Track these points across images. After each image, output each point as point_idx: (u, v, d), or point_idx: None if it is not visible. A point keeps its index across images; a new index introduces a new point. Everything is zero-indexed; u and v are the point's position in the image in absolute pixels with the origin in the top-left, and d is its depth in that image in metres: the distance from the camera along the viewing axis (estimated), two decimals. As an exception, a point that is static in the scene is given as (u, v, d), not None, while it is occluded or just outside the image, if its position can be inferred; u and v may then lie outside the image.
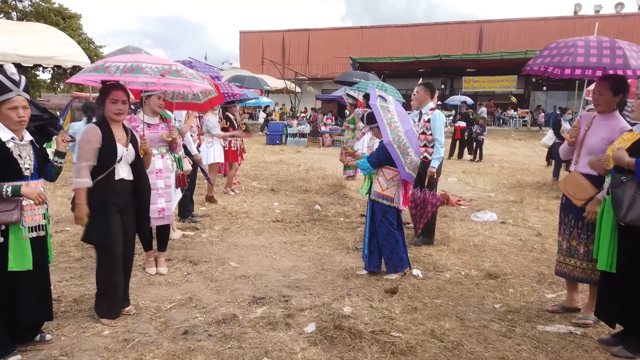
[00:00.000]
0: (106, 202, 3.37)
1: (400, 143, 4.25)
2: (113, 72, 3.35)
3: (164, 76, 3.43)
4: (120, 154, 3.40)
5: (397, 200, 4.52)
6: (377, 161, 4.47)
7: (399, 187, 4.54)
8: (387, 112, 4.37)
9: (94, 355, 3.01)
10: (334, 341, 3.24)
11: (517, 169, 13.03)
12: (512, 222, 6.84)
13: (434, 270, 4.76)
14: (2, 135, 2.81)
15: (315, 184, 9.73)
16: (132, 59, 3.49)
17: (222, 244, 5.58)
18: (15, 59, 9.85)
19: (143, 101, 4.34)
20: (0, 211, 2.74)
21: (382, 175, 4.51)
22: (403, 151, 4.27)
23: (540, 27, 30.88)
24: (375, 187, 4.54)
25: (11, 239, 2.81)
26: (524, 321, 3.64)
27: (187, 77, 3.62)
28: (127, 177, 3.50)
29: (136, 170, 3.55)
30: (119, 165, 3.41)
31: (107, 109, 3.40)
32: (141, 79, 3.42)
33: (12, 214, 2.76)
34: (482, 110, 26.20)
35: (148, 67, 3.40)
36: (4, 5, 27.03)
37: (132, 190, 3.54)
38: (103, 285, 3.47)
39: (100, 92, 3.45)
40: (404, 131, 4.33)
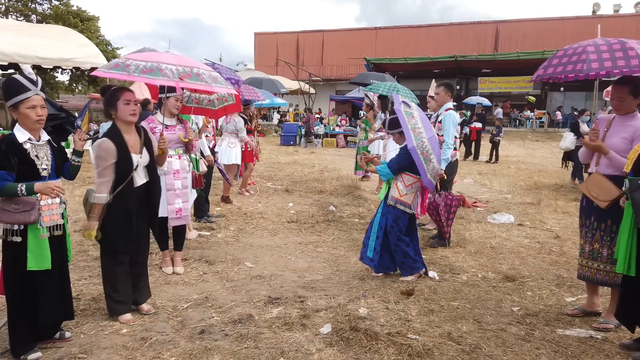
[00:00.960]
0: (130, 211, 3.38)
1: (423, 149, 4.22)
2: (132, 72, 3.29)
3: (183, 80, 3.38)
4: (136, 162, 3.39)
5: (414, 207, 4.49)
6: (398, 167, 4.44)
7: (417, 194, 4.51)
8: (411, 117, 4.35)
9: (112, 353, 3.04)
10: (350, 342, 3.23)
11: (534, 170, 12.87)
12: (529, 225, 6.75)
13: (450, 272, 4.72)
14: (19, 136, 2.84)
15: (329, 184, 9.73)
16: (154, 59, 3.43)
17: (237, 244, 5.60)
18: (35, 61, 10.04)
19: (161, 102, 4.37)
20: (19, 211, 2.77)
21: (401, 181, 4.48)
22: (426, 157, 4.24)
23: (558, 27, 30.45)
24: (393, 193, 4.50)
25: (30, 238, 2.85)
26: (543, 325, 3.59)
27: (208, 81, 3.56)
28: (143, 181, 3.51)
29: (150, 171, 3.56)
30: (135, 173, 3.41)
31: (121, 111, 3.35)
32: (158, 81, 3.37)
33: (30, 214, 2.79)
34: (498, 111, 25.92)
35: (167, 70, 3.35)
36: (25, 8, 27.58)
37: (146, 191, 3.56)
38: (110, 287, 3.49)
39: (110, 96, 3.37)
40: (428, 137, 4.30)
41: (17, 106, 2.82)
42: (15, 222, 2.79)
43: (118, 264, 3.47)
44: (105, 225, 3.34)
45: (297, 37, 38.01)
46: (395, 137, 4.71)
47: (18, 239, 2.83)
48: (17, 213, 2.76)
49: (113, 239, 3.37)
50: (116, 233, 3.36)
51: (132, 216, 3.40)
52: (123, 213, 3.36)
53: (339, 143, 20.16)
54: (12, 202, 2.77)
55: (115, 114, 3.38)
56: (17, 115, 2.85)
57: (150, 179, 3.56)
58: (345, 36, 36.49)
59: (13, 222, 2.79)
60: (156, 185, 3.63)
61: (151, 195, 3.59)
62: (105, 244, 3.41)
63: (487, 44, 32.24)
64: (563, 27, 30.16)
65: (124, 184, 3.32)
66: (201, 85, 3.57)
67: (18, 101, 2.81)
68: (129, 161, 3.35)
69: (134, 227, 3.43)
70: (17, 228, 2.82)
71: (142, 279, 3.70)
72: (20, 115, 2.85)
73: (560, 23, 30.84)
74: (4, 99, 2.91)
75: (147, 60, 3.39)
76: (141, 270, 3.69)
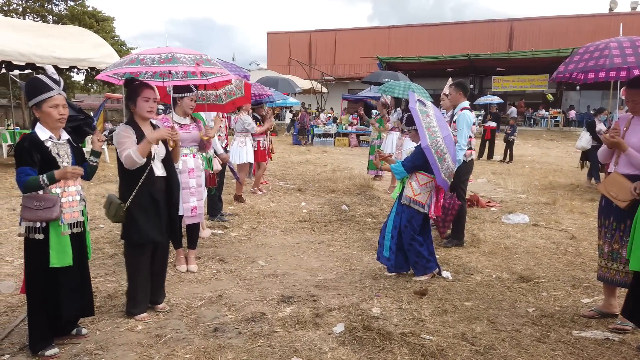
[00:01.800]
0: (156, 200, 3.44)
1: (437, 148, 4.19)
2: (150, 64, 3.40)
3: (199, 65, 3.48)
4: (153, 151, 3.45)
5: (428, 207, 4.46)
6: (412, 165, 4.42)
7: (431, 193, 4.48)
8: (426, 116, 4.32)
9: (127, 350, 3.07)
10: (363, 342, 3.22)
11: (549, 170, 12.72)
12: (544, 225, 6.67)
13: (464, 272, 4.69)
14: (40, 134, 2.89)
15: (342, 184, 9.72)
16: (166, 50, 3.55)
17: (250, 243, 5.62)
18: (52, 61, 10.18)
19: (175, 102, 4.41)
20: (41, 208, 2.82)
21: (415, 180, 4.45)
22: (440, 156, 4.20)
23: (573, 25, 30.07)
24: (407, 192, 4.47)
25: (52, 235, 2.90)
26: (558, 326, 3.54)
27: (219, 65, 3.72)
28: (162, 174, 3.55)
29: (167, 166, 3.61)
30: (153, 163, 3.46)
31: (140, 106, 3.43)
32: (179, 67, 3.47)
33: (52, 211, 2.84)
34: (512, 110, 25.71)
35: (183, 57, 3.46)
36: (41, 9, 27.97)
37: (165, 187, 3.59)
38: (134, 282, 3.53)
39: (131, 90, 3.47)
40: (442, 137, 4.27)
41: (40, 105, 2.87)
42: (38, 219, 2.83)
43: (144, 261, 3.50)
44: (134, 217, 3.36)
45: (310, 37, 38.03)
46: (412, 134, 4.70)
47: (40, 236, 2.88)
48: (40, 210, 2.81)
49: (145, 229, 3.38)
50: (147, 223, 3.39)
51: (159, 203, 3.45)
52: (150, 202, 3.41)
53: (351, 142, 20.14)
54: (35, 199, 2.82)
55: (134, 108, 3.46)
56: (39, 114, 2.90)
57: (168, 173, 3.60)
58: (357, 35, 36.44)
59: (35, 220, 2.83)
60: (175, 179, 3.67)
61: (170, 190, 3.62)
62: (137, 237, 3.42)
63: (501, 42, 31.96)
64: (579, 25, 29.78)
65: (146, 172, 3.36)
66: (215, 69, 3.69)
67: (41, 100, 2.86)
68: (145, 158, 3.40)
69: (163, 217, 3.48)
70: (39, 225, 2.87)
71: (161, 280, 3.74)
72: (42, 114, 2.90)
73: (576, 21, 30.46)
74: (27, 98, 2.97)
75: (160, 52, 3.51)
76: (161, 270, 3.73)
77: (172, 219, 3.66)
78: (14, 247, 5.17)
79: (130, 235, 3.43)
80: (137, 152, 3.27)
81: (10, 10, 27.28)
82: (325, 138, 20.60)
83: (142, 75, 3.87)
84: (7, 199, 7.60)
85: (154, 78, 3.95)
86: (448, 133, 4.45)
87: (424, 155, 4.22)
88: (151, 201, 3.42)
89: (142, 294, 3.56)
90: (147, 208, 3.41)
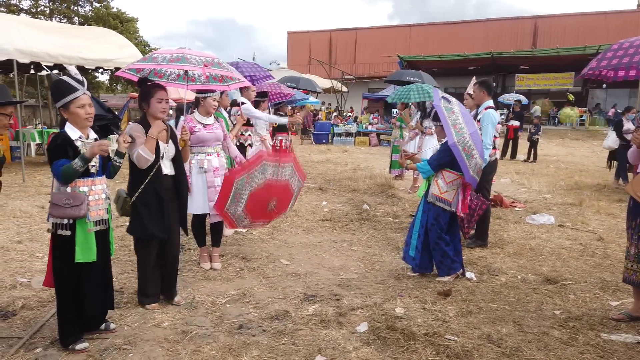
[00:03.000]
0: (161, 197, 3.52)
1: (465, 145, 4.13)
2: (160, 61, 3.60)
3: (207, 67, 3.66)
4: (162, 150, 3.55)
5: (455, 205, 4.41)
6: (438, 164, 4.37)
7: (458, 191, 4.43)
8: (451, 113, 4.26)
9: (154, 345, 3.13)
10: (387, 342, 3.21)
11: (575, 170, 12.47)
12: (570, 226, 6.55)
13: (489, 273, 4.63)
14: (70, 134, 2.97)
15: (363, 183, 9.70)
16: (178, 51, 3.73)
17: (272, 242, 5.66)
18: (78, 62, 10.41)
19: (198, 102, 4.47)
20: (69, 206, 2.90)
21: (441, 177, 4.40)
22: (468, 153, 4.15)
23: (600, 22, 29.34)
24: (434, 190, 4.43)
25: (78, 232, 2.98)
26: (586, 329, 3.48)
27: (229, 68, 3.94)
28: (170, 173, 3.65)
29: (176, 165, 3.70)
30: (161, 162, 3.55)
31: (153, 107, 3.53)
32: (187, 67, 3.62)
33: (80, 209, 2.92)
34: (536, 109, 25.23)
35: (192, 58, 3.64)
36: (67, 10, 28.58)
37: (173, 185, 3.69)
38: (142, 274, 3.67)
39: (144, 91, 3.57)
40: (469, 133, 4.22)
41: (67, 106, 2.95)
42: (66, 216, 2.91)
43: (150, 254, 3.63)
44: (139, 212, 3.48)
45: (330, 36, 37.99)
46: (437, 130, 4.68)
47: (67, 232, 2.95)
48: (68, 208, 2.89)
49: (146, 224, 3.49)
50: (149, 218, 3.49)
51: (164, 201, 3.53)
52: (155, 199, 3.50)
53: (371, 142, 20.07)
54: (63, 197, 2.90)
55: (147, 109, 3.55)
56: (67, 115, 2.98)
57: (177, 172, 3.70)
58: (378, 34, 36.24)
59: (63, 216, 2.92)
60: (183, 179, 3.76)
61: (179, 189, 3.71)
62: (139, 231, 3.55)
63: (525, 40, 31.39)
64: (605, 22, 29.05)
65: (154, 170, 3.46)
66: (223, 71, 3.88)
67: (68, 101, 2.94)
68: (156, 147, 3.50)
69: (166, 214, 3.56)
70: (66, 222, 2.94)
71: (173, 275, 3.83)
72: (70, 115, 2.97)
73: (602, 18, 29.71)
74: (53, 100, 3.04)
75: (172, 52, 3.71)
76: (172, 266, 3.81)
77: (181, 216, 3.78)
78: (44, 243, 5.31)
79: (134, 229, 3.56)
80: (145, 149, 3.40)
81: (37, 12, 27.96)
82: (345, 137, 20.58)
83: (166, 77, 3.97)
84: (36, 197, 7.81)
85: (178, 81, 4.03)
86: (475, 129, 4.39)
87: (450, 152, 4.18)
88: (156, 198, 3.51)
89: (151, 285, 3.69)
90: (152, 204, 3.50)
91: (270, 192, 4.26)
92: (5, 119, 2.78)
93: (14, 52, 9.13)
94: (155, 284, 3.72)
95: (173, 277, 3.83)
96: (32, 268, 4.58)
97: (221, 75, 3.98)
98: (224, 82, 4.08)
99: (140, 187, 3.45)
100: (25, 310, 3.63)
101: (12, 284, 4.15)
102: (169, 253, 3.75)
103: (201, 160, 4.40)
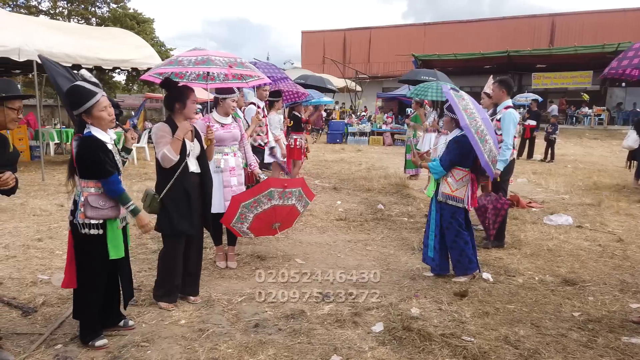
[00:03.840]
0: (189, 194, 3.59)
1: (477, 129, 4.07)
2: (186, 65, 3.73)
3: (232, 67, 3.79)
4: (189, 148, 3.61)
5: (467, 201, 4.38)
6: (449, 163, 4.30)
7: (468, 187, 4.40)
8: (461, 99, 4.25)
9: (172, 342, 3.16)
10: (403, 342, 3.20)
11: (593, 170, 12.26)
12: (589, 227, 6.45)
13: (505, 274, 4.59)
14: (102, 138, 3.00)
15: (377, 183, 9.67)
16: (202, 53, 3.85)
17: (287, 241, 5.67)
18: (96, 62, 10.57)
19: (217, 102, 4.51)
20: (105, 207, 2.99)
21: (451, 176, 4.36)
22: (481, 137, 4.08)
23: (619, 19, 28.82)
24: (444, 189, 4.40)
25: (109, 230, 3.04)
26: (606, 331, 3.43)
27: (251, 67, 4.09)
28: (196, 170, 3.71)
29: (201, 163, 3.76)
30: (188, 160, 3.61)
31: (188, 108, 3.60)
32: (213, 69, 3.73)
33: (116, 209, 3.04)
34: (553, 108, 24.90)
35: (217, 60, 3.78)
36: (85, 11, 28.98)
37: (200, 183, 3.74)
38: (165, 270, 3.69)
39: (179, 92, 3.61)
40: (481, 118, 4.19)
41: (89, 111, 2.95)
42: (102, 217, 2.99)
43: (178, 251, 3.66)
44: (167, 209, 3.54)
45: (344, 35, 37.94)
46: (446, 120, 4.52)
47: (100, 231, 3.01)
48: (105, 209, 2.98)
49: (175, 221, 3.55)
50: (178, 215, 3.55)
51: (191, 198, 3.59)
52: (183, 196, 3.56)
53: (385, 141, 20.00)
54: (100, 199, 2.97)
55: (182, 109, 3.59)
56: (91, 119, 2.97)
57: (202, 170, 3.75)
58: (392, 33, 36.10)
59: (100, 217, 2.99)
60: (208, 175, 3.81)
61: (204, 187, 3.76)
62: (168, 228, 3.59)
63: (542, 38, 30.99)
64: (625, 19, 28.54)
65: (181, 167, 3.52)
66: (247, 71, 4.04)
67: (90, 106, 2.94)
68: (183, 145, 3.55)
69: (194, 211, 3.62)
70: (96, 222, 2.99)
71: (196, 274, 3.86)
72: (94, 119, 2.97)
73: (621, 15, 29.18)
74: (72, 108, 3.02)
75: (197, 55, 3.86)
76: (197, 265, 3.85)
77: (206, 213, 3.82)
78: (63, 241, 5.39)
79: (162, 226, 3.61)
80: (171, 149, 3.45)
81: (56, 14, 28.40)
82: (359, 137, 20.53)
83: (187, 77, 4.01)
84: (55, 195, 7.94)
85: (198, 80, 4.07)
86: (486, 116, 4.40)
87: (458, 148, 4.19)
88: (184, 195, 3.57)
89: (175, 284, 3.71)
90: (180, 202, 3.56)
91: (275, 215, 4.39)
92: (13, 113, 2.80)
93: (34, 53, 9.28)
94: (177, 283, 3.74)
95: (197, 274, 3.88)
96: (51, 265, 4.66)
97: (240, 74, 4.06)
98: (243, 79, 4.15)
99: (168, 185, 3.50)
100: (46, 306, 3.70)
101: (33, 281, 4.23)
102: (195, 253, 3.80)
103: (218, 160, 4.43)
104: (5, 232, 5.73)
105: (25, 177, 9.66)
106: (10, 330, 3.26)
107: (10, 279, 4.26)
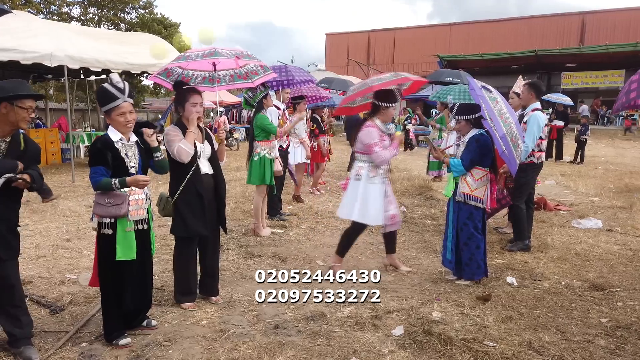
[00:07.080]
0: (202, 195, 3.63)
1: (512, 136, 4.01)
2: (194, 58, 3.85)
3: (239, 58, 3.90)
4: (199, 150, 3.66)
5: (486, 201, 4.31)
6: (470, 163, 4.24)
7: (487, 187, 4.32)
8: (495, 103, 4.11)
9: (193, 342, 3.21)
10: (423, 346, 3.17)
11: (625, 172, 11.88)
12: (620, 230, 6.25)
13: (530, 278, 4.49)
14: (112, 136, 3.11)
15: (400, 185, 9.59)
16: (209, 47, 4.01)
17: (308, 243, 5.68)
18: (125, 67, 10.81)
19: (379, 110, 4.53)
20: (111, 205, 3.04)
21: (470, 175, 4.29)
22: (514, 143, 4.03)
23: (653, 16, 27.91)
24: (463, 188, 4.31)
25: (119, 230, 3.10)
26: (635, 338, 3.31)
27: (257, 58, 4.23)
28: (209, 172, 3.76)
29: (213, 165, 3.81)
30: (199, 161, 3.65)
31: (188, 111, 3.63)
32: (220, 59, 3.82)
33: (120, 208, 3.05)
34: (584, 108, 24.26)
35: (224, 52, 3.88)
36: (114, 17, 29.71)
37: (214, 184, 3.79)
38: (180, 271, 3.75)
39: (180, 95, 3.68)
40: (514, 122, 4.14)
41: (109, 113, 3.09)
42: (107, 215, 3.04)
43: (192, 252, 3.73)
44: (181, 212, 3.60)
45: (368, 37, 37.85)
46: (461, 125, 4.37)
47: (109, 231, 3.08)
48: (110, 207, 3.03)
49: (189, 223, 3.61)
50: (192, 217, 3.60)
51: (204, 198, 3.63)
52: (196, 198, 3.61)
53: (409, 143, 19.79)
54: (106, 196, 3.04)
55: (182, 112, 3.67)
56: (109, 120, 3.13)
57: (215, 172, 3.80)
58: (417, 34, 35.84)
59: (105, 215, 3.05)
60: (220, 176, 3.87)
61: (218, 186, 3.81)
62: (183, 230, 3.66)
63: (571, 36, 30.26)
64: (659, 16, 27.60)
65: (192, 169, 3.57)
66: (253, 61, 4.20)
67: (110, 109, 3.06)
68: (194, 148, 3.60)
69: (208, 212, 3.66)
70: (108, 221, 3.07)
71: (213, 275, 3.91)
72: (112, 121, 3.11)
73: (656, 11, 28.24)
74: (99, 105, 3.21)
75: (204, 49, 4.00)
76: (213, 266, 3.90)
77: (220, 213, 3.87)
78: (91, 241, 5.53)
79: (177, 228, 3.66)
80: (186, 142, 3.52)
81: (87, 20, 29.19)
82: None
83: (193, 80, 4.10)
84: (84, 197, 8.16)
85: (204, 83, 4.15)
86: (516, 119, 4.34)
87: (478, 147, 4.14)
88: (197, 197, 3.61)
89: (192, 284, 3.78)
90: (193, 203, 3.60)
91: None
92: (24, 112, 2.88)
93: (65, 59, 9.57)
94: (194, 284, 3.81)
95: (216, 275, 3.93)
96: (79, 265, 4.79)
97: (245, 72, 4.18)
98: (249, 79, 4.22)
99: (180, 187, 3.55)
100: (73, 305, 3.80)
101: (61, 280, 4.36)
102: (211, 254, 3.86)
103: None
104: (36, 232, 5.92)
105: (56, 179, 9.96)
106: (38, 328, 3.35)
107: (39, 278, 4.39)
